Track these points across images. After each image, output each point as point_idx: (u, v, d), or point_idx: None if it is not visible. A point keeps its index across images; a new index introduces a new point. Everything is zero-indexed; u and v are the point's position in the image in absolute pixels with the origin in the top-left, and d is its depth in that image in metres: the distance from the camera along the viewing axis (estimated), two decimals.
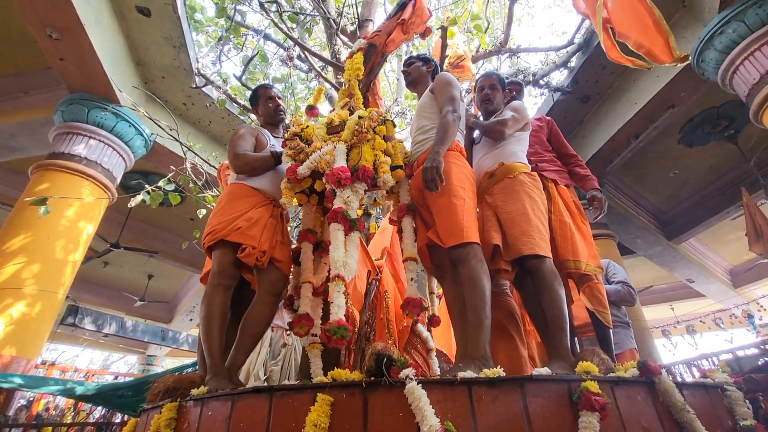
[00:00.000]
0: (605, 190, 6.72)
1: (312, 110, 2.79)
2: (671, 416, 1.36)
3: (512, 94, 2.52)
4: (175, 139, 3.97)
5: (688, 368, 5.96)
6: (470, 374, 1.29)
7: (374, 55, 2.63)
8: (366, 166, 1.81)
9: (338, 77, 3.77)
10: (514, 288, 2.10)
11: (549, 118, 2.50)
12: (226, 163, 2.76)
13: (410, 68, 2.33)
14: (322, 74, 4.22)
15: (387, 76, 7.87)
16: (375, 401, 1.25)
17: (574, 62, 5.53)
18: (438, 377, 1.69)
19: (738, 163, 6.83)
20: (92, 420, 6.43)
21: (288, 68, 5.75)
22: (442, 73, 2.15)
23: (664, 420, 1.35)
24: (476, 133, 2.35)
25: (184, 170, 4.16)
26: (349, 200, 1.76)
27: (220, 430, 1.41)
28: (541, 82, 5.62)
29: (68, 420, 6.85)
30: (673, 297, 11.83)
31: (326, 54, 4.48)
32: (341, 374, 1.33)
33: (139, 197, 3.56)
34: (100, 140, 4.76)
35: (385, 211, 3.18)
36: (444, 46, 3.95)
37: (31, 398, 6.91)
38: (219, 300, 1.87)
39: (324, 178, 1.85)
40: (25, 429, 5.29)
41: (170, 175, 3.80)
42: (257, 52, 5.16)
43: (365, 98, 2.56)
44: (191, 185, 4.22)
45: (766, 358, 3.74)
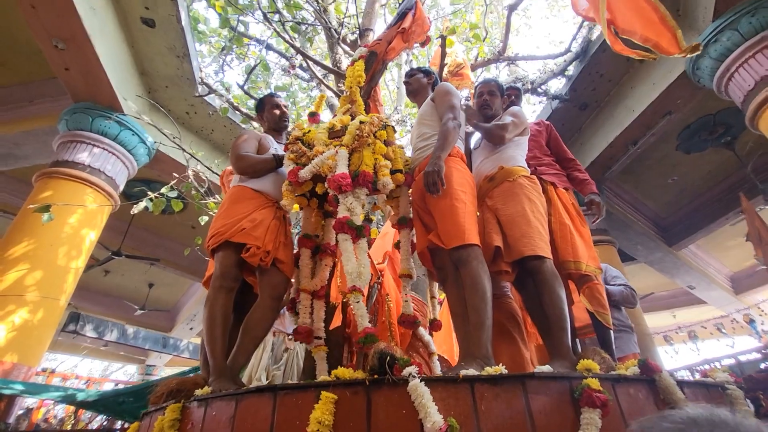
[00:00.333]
0: (604, 197, 6.75)
1: (314, 117, 2.83)
2: None
3: (511, 99, 2.57)
4: (179, 146, 4.02)
5: (691, 374, 5.96)
6: (472, 372, 1.30)
7: (375, 63, 2.68)
8: (366, 171, 1.85)
9: (339, 85, 3.82)
10: (515, 289, 2.12)
11: (548, 123, 2.53)
12: (229, 169, 2.81)
13: (411, 79, 2.43)
14: (324, 82, 4.29)
15: (387, 85, 7.96)
16: (378, 399, 1.25)
17: (572, 71, 5.62)
18: (441, 375, 1.70)
19: (735, 170, 6.86)
20: (92, 428, 6.37)
21: (290, 77, 5.83)
22: (443, 83, 2.22)
23: None
24: (475, 139, 2.39)
25: (187, 177, 4.19)
26: (353, 206, 1.79)
27: (225, 430, 1.41)
28: (540, 90, 5.69)
29: (68, 428, 6.78)
30: (675, 304, 11.77)
31: (328, 63, 4.55)
32: (345, 373, 1.33)
33: (142, 204, 3.59)
34: (104, 148, 4.81)
35: (386, 216, 3.21)
36: (443, 55, 4.03)
37: (31, 407, 6.86)
38: (222, 302, 1.88)
39: (326, 183, 1.89)
40: None
41: (173, 183, 3.83)
42: (259, 62, 5.24)
43: (366, 105, 2.61)
44: (193, 192, 4.25)
45: None
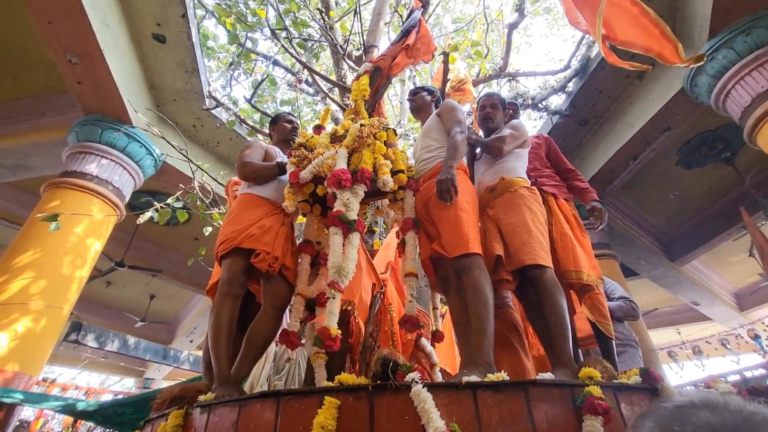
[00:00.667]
0: (605, 211, 6.76)
1: (319, 129, 2.88)
2: None
3: (509, 114, 2.63)
4: (186, 157, 4.09)
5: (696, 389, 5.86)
6: (475, 379, 1.31)
7: (379, 78, 2.77)
8: (365, 168, 1.87)
9: (344, 99, 3.92)
10: (516, 298, 2.14)
11: (547, 136, 2.59)
12: (234, 179, 2.86)
13: (416, 96, 2.56)
14: (330, 95, 4.39)
15: (390, 100, 8.11)
16: (381, 404, 1.26)
17: (572, 87, 5.72)
18: (443, 381, 1.70)
19: (736, 185, 6.89)
20: None
21: (295, 92, 5.95)
22: (448, 100, 2.34)
23: None
24: (477, 150, 2.45)
25: (192, 189, 4.26)
26: (349, 202, 1.79)
27: None
28: (540, 106, 5.79)
29: None
30: (679, 320, 11.63)
31: (333, 78, 4.66)
32: (348, 378, 1.35)
33: (148, 214, 3.64)
34: (112, 159, 4.89)
35: (389, 227, 3.24)
36: (446, 71, 4.13)
37: (29, 419, 6.78)
38: (228, 308, 1.89)
39: (326, 182, 1.89)
40: None
41: (179, 193, 3.89)
42: (266, 77, 5.37)
43: (370, 118, 2.68)
44: (198, 203, 4.31)
45: None
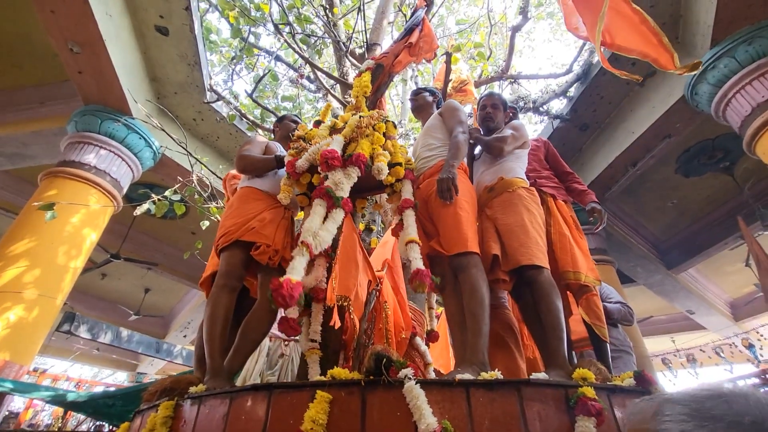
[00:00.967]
0: (605, 212, 6.78)
1: (319, 125, 2.89)
2: None
3: (509, 116, 2.64)
4: (185, 150, 4.08)
5: None
6: (468, 376, 1.30)
7: (381, 75, 2.76)
8: (360, 153, 1.85)
9: (346, 96, 3.91)
10: (513, 299, 2.13)
11: (545, 140, 2.60)
12: (232, 173, 2.85)
13: (418, 97, 2.58)
14: (332, 92, 4.38)
15: (392, 100, 8.11)
16: (373, 400, 1.26)
17: (573, 92, 5.73)
18: (437, 378, 1.69)
19: (734, 195, 6.91)
20: (80, 430, 6.25)
21: (297, 88, 5.94)
22: (450, 100, 2.35)
23: None
24: (477, 150, 2.45)
25: (190, 182, 4.24)
26: (339, 181, 1.76)
27: (218, 428, 1.40)
28: (541, 110, 5.79)
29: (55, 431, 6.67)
30: (674, 329, 11.68)
31: (335, 74, 4.66)
32: (341, 373, 1.33)
33: (145, 206, 3.62)
34: (111, 150, 4.87)
35: (387, 226, 3.23)
36: (448, 71, 4.13)
37: (18, 410, 6.74)
38: (224, 301, 1.89)
39: (318, 167, 1.87)
40: None
41: (177, 186, 3.87)
42: (268, 72, 5.36)
43: None
44: (196, 197, 4.29)
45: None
